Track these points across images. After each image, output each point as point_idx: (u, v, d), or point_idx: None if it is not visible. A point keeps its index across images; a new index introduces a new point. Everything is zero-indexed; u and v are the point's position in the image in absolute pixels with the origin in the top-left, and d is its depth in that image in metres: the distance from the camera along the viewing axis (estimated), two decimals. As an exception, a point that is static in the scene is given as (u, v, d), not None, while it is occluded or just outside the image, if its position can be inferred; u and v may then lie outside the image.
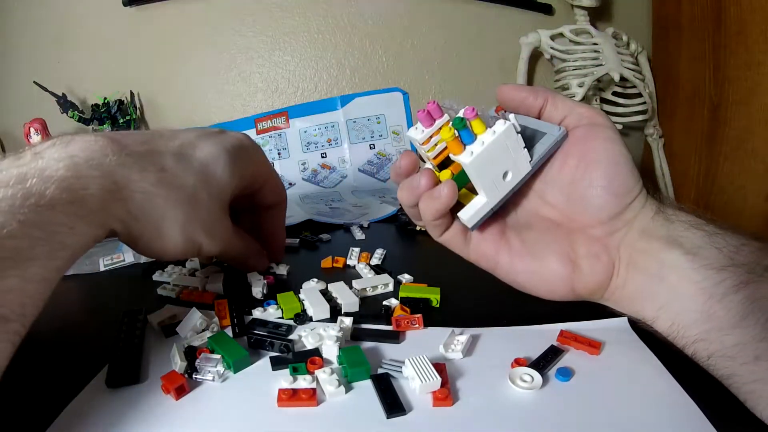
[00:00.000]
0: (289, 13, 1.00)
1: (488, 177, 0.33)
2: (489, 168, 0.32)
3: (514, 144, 0.32)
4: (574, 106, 0.35)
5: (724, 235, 0.32)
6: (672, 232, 0.33)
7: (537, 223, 0.37)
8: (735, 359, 0.29)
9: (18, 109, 0.97)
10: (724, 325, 0.29)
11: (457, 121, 0.32)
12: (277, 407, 0.31)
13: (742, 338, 0.29)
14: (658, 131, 1.02)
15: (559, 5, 1.02)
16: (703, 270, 0.30)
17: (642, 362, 0.35)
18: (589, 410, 0.30)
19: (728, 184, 0.87)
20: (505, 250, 0.36)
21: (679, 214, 0.34)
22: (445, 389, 0.31)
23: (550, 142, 0.34)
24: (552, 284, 0.36)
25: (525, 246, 0.36)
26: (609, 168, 0.33)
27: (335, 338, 0.36)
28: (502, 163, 0.33)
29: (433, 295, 0.44)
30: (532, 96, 0.35)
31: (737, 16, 0.80)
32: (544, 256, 0.35)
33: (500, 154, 0.32)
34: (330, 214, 0.77)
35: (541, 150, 0.34)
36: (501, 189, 0.33)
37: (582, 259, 0.34)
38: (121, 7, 0.96)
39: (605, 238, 0.34)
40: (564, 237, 0.35)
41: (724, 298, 0.29)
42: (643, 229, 0.33)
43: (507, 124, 0.32)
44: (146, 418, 0.30)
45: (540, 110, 0.36)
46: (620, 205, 0.33)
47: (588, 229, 0.34)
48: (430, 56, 1.03)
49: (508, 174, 0.33)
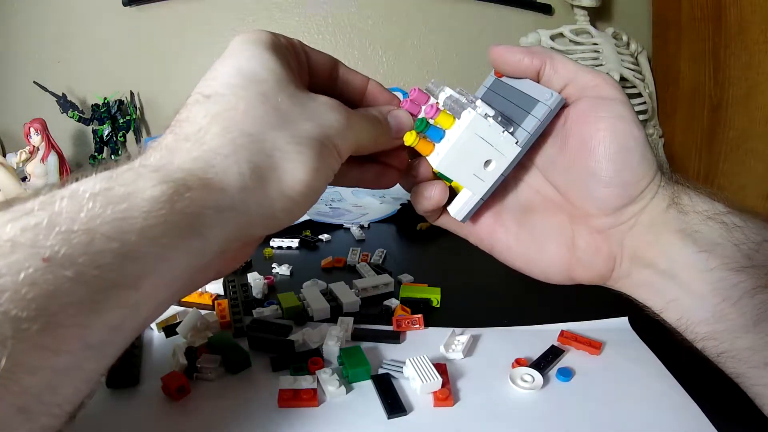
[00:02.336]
0: (289, 13, 1.00)
1: (466, 172, 0.30)
2: (464, 163, 0.30)
3: (489, 131, 0.29)
4: (578, 71, 0.30)
5: (744, 229, 0.28)
6: (686, 225, 0.29)
7: (538, 204, 0.34)
8: (744, 362, 0.28)
9: (18, 109, 0.96)
10: (737, 328, 0.27)
11: (419, 122, 0.30)
12: (278, 407, 0.31)
13: (754, 343, 0.27)
14: (658, 131, 1.02)
15: (559, 5, 1.01)
16: (718, 271, 0.28)
17: (642, 362, 0.35)
18: (589, 410, 0.30)
19: (728, 184, 0.87)
20: (501, 232, 0.34)
21: (696, 203, 0.30)
22: (446, 389, 0.31)
23: (542, 113, 0.29)
24: (549, 270, 0.33)
25: (523, 230, 0.33)
26: (617, 155, 0.29)
27: (336, 338, 0.36)
28: (479, 154, 0.30)
29: (434, 295, 0.44)
30: (528, 57, 0.31)
31: (737, 16, 0.80)
32: (542, 241, 0.33)
33: (473, 146, 0.29)
34: (330, 214, 0.77)
35: (532, 124, 0.30)
36: (486, 179, 0.31)
37: (581, 251, 0.32)
38: (121, 7, 0.95)
39: (608, 230, 0.31)
40: (565, 224, 0.33)
41: (739, 302, 0.27)
42: (653, 222, 0.30)
43: (471, 114, 0.29)
44: (146, 418, 0.30)
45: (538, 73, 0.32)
46: (628, 196, 0.30)
47: (590, 218, 0.31)
48: (430, 56, 1.03)
49: (491, 162, 0.30)
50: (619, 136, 0.29)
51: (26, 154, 0.80)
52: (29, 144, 0.80)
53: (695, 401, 0.31)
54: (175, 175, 0.23)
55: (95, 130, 0.95)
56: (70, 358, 0.19)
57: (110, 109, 0.94)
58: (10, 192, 0.78)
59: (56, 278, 0.18)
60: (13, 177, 0.77)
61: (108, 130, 0.94)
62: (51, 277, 0.18)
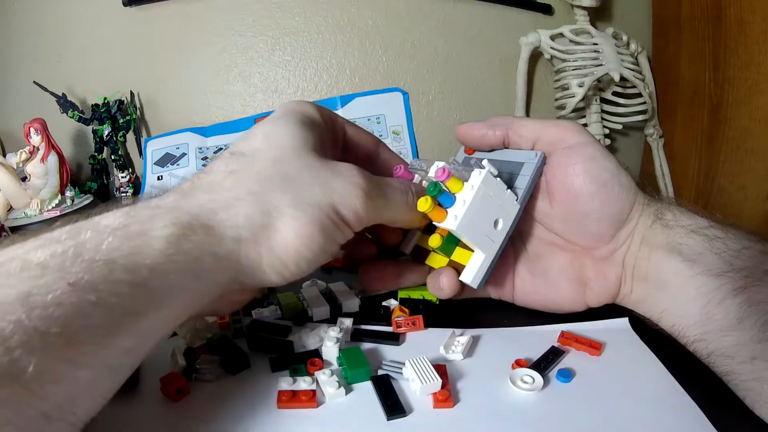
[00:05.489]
0: (289, 13, 1.00)
1: (479, 232, 0.31)
2: (478, 224, 0.31)
3: (496, 190, 0.31)
4: (542, 129, 0.33)
5: (725, 240, 0.32)
6: (671, 238, 0.33)
7: (544, 251, 0.37)
8: (733, 358, 0.30)
9: (18, 109, 0.96)
10: (723, 327, 0.30)
11: (432, 187, 0.30)
12: (277, 409, 0.31)
13: (739, 340, 0.29)
14: (658, 131, 1.02)
15: (559, 5, 1.01)
16: (701, 276, 0.31)
17: (643, 363, 0.35)
18: (590, 411, 0.30)
19: (728, 184, 0.87)
20: (518, 283, 0.37)
21: (679, 218, 0.33)
22: (446, 390, 0.31)
23: (530, 171, 0.32)
24: (566, 305, 0.37)
25: (537, 276, 0.37)
26: (598, 195, 0.33)
27: (335, 339, 0.36)
28: (490, 214, 0.31)
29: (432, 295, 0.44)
30: (490, 131, 0.35)
31: (737, 16, 0.80)
32: (555, 282, 0.36)
33: (485, 205, 0.31)
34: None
35: (524, 182, 0.32)
36: (495, 239, 0.32)
37: (592, 281, 0.35)
38: (121, 7, 0.95)
39: (610, 255, 0.35)
40: (572, 261, 0.36)
41: (723, 302, 0.30)
42: (643, 238, 0.34)
43: (483, 173, 0.30)
44: (145, 419, 0.30)
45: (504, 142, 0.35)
46: (618, 223, 0.34)
47: (592, 251, 0.35)
48: (430, 56, 1.03)
49: (498, 222, 0.32)
50: (595, 175, 0.33)
51: (26, 154, 0.80)
52: (29, 144, 0.80)
53: (695, 401, 0.30)
54: (184, 218, 0.25)
55: (95, 130, 0.95)
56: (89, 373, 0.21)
57: (110, 109, 0.94)
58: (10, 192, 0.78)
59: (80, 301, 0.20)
60: (13, 177, 0.77)
61: (108, 130, 0.94)
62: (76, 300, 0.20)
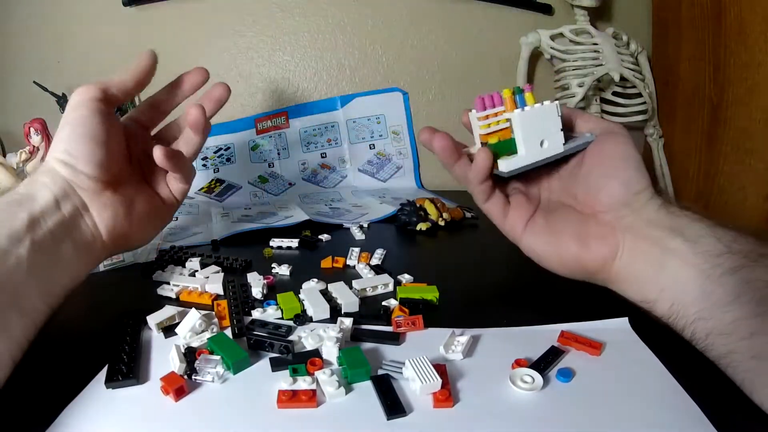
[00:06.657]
0: (289, 13, 1.00)
1: (529, 134, 0.38)
2: (532, 127, 0.38)
3: (554, 122, 0.39)
4: (598, 122, 0.42)
5: (724, 228, 0.35)
6: (675, 223, 0.36)
7: (560, 209, 0.42)
8: (732, 335, 0.31)
9: (18, 109, 0.96)
10: (721, 302, 0.32)
11: (517, 88, 0.39)
12: (277, 408, 0.31)
13: (738, 314, 0.31)
14: (658, 131, 1.02)
15: (559, 5, 1.01)
16: (701, 255, 0.34)
17: (642, 362, 0.35)
18: (590, 411, 0.30)
19: (728, 184, 0.87)
20: (531, 226, 0.42)
21: (684, 211, 0.37)
22: (446, 390, 0.31)
23: (583, 140, 0.40)
24: (564, 258, 0.40)
25: (547, 225, 0.42)
26: (619, 163, 0.39)
27: (335, 339, 0.36)
28: (542, 130, 0.39)
29: (431, 294, 0.44)
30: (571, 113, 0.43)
31: (737, 16, 0.80)
32: (561, 235, 0.40)
33: (542, 122, 0.39)
34: (330, 214, 0.77)
35: (575, 143, 0.40)
36: (536, 152, 0.39)
37: (591, 239, 0.39)
38: (121, 7, 0.95)
39: (614, 222, 0.38)
40: (579, 221, 0.40)
41: (721, 278, 0.32)
42: (649, 220, 0.37)
43: (554, 102, 0.39)
44: (145, 418, 0.30)
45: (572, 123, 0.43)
46: (628, 194, 0.38)
47: (600, 214, 0.39)
48: (430, 56, 1.03)
49: (544, 142, 0.39)
50: (621, 152, 0.39)
51: (26, 154, 0.80)
52: (29, 144, 0.80)
53: (695, 401, 0.31)
54: None
55: (95, 130, 0.95)
56: None
57: (110, 109, 0.94)
58: (9, 192, 0.78)
59: None
60: (13, 177, 0.77)
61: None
62: None
